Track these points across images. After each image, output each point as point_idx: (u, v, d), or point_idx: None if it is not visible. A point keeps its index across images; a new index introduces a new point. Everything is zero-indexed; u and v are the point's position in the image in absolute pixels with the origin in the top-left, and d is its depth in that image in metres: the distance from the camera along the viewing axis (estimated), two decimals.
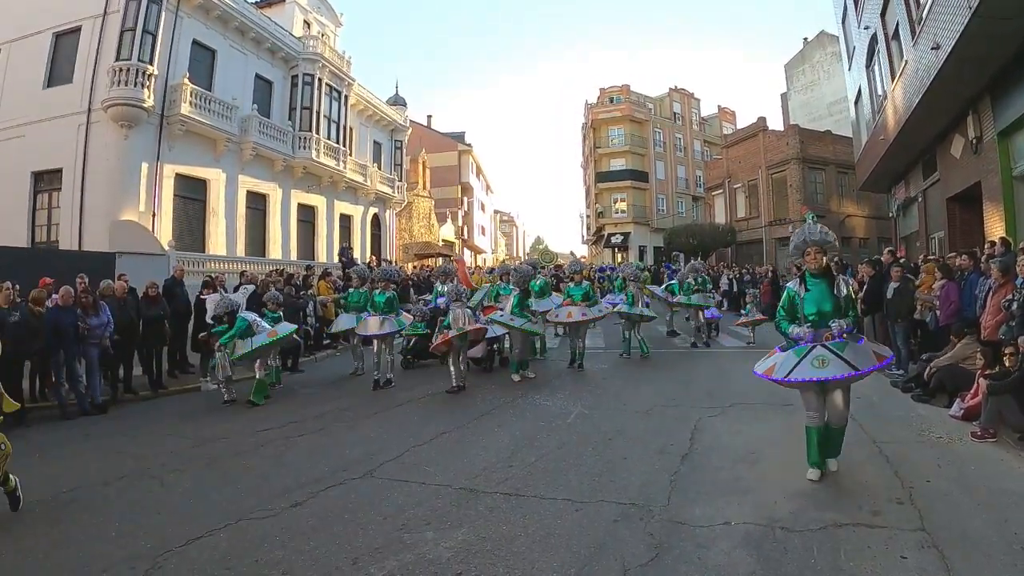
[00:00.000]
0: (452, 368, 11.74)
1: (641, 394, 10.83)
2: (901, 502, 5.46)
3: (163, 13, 22.37)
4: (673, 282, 19.18)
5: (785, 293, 6.67)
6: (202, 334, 12.79)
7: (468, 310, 12.17)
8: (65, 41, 23.29)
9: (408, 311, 14.44)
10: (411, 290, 23.87)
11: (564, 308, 14.21)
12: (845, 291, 6.24)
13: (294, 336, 13.39)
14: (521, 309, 12.81)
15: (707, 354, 15.64)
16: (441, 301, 13.25)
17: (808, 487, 5.94)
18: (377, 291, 13.35)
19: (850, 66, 28.63)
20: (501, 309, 13.75)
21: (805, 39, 51.16)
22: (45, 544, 5.41)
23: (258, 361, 11.60)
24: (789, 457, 6.85)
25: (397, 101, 42.71)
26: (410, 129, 43.78)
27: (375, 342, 12.68)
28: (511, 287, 14.09)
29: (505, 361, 14.19)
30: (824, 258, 6.33)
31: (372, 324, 12.80)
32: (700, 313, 17.58)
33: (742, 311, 19.01)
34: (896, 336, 12.08)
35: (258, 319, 12.01)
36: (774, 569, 4.33)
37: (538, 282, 15.42)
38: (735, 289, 25.34)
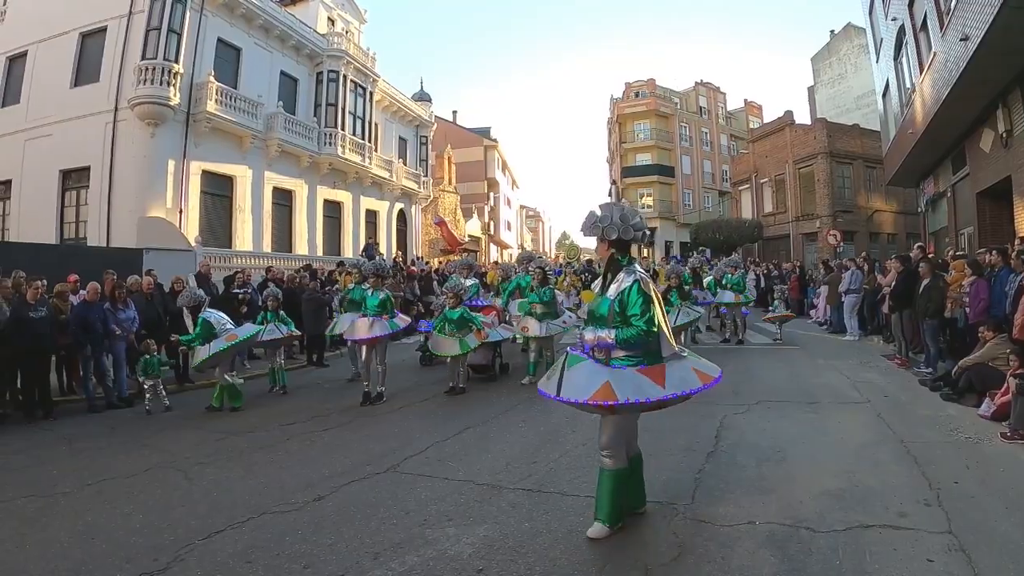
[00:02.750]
0: (460, 371, 11.37)
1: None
2: (928, 504, 5.36)
3: (188, 12, 22.64)
4: (709, 278, 18.46)
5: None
6: (173, 336, 12.00)
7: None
8: (91, 41, 23.64)
9: (429, 305, 14.20)
10: (434, 284, 23.90)
11: (586, 305, 13.48)
12: (613, 293, 4.91)
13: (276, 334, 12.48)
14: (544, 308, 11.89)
15: (733, 351, 15.46)
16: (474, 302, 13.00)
17: (834, 487, 5.83)
18: (369, 291, 11.53)
19: (878, 58, 28.31)
20: (505, 310, 13.51)
21: (832, 31, 50.58)
22: (70, 535, 5.46)
23: (217, 369, 10.94)
24: (815, 456, 6.79)
25: (422, 97, 42.76)
26: (435, 124, 43.85)
27: (364, 348, 11.15)
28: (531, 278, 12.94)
29: (506, 368, 13.25)
30: (609, 249, 5.11)
31: (361, 327, 11.03)
32: (738, 310, 17.12)
33: (770, 308, 18.77)
34: (925, 334, 11.95)
35: (223, 319, 11.24)
36: (798, 571, 4.27)
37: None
38: (762, 285, 25.16)
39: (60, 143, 23.07)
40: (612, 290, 4.94)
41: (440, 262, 33.10)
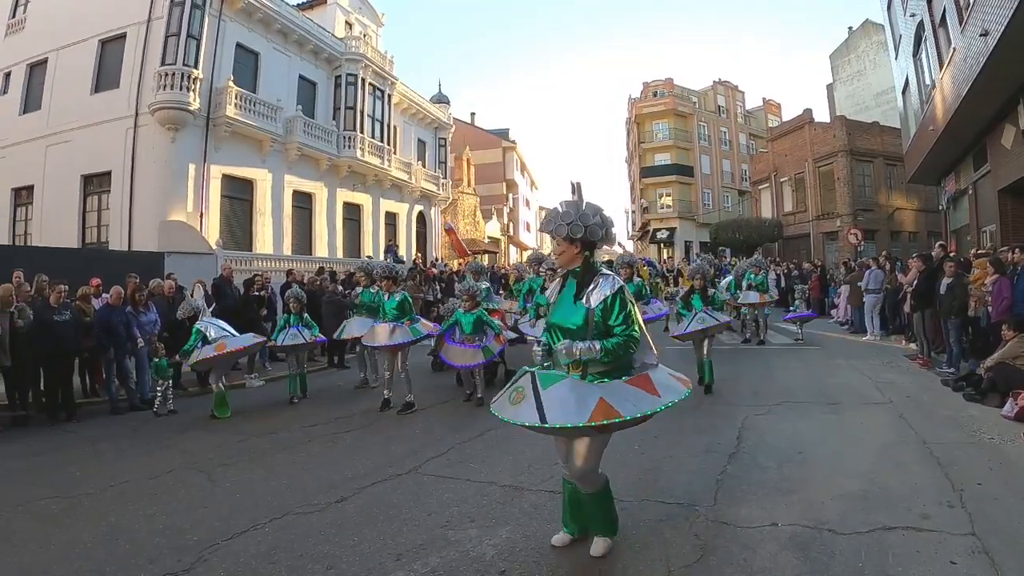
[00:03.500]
0: (469, 378, 10.87)
1: None
2: (951, 505, 5.31)
3: (206, 18, 22.79)
4: (729, 278, 18.42)
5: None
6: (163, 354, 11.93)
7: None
8: (111, 47, 23.84)
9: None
10: (456, 286, 23.97)
11: None
12: (596, 300, 4.38)
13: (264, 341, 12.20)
14: None
15: (754, 351, 15.46)
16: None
17: (857, 488, 5.79)
18: (386, 295, 10.89)
19: (897, 55, 28.11)
20: (524, 311, 12.96)
21: (850, 28, 50.14)
22: (93, 536, 5.51)
23: (212, 375, 10.96)
24: (837, 457, 6.76)
25: (440, 99, 42.80)
26: (454, 126, 43.88)
27: (385, 355, 10.82)
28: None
29: (512, 375, 12.16)
30: (582, 251, 4.53)
31: (380, 333, 10.56)
32: (760, 310, 16.86)
33: (790, 307, 18.60)
34: (948, 333, 11.87)
35: (222, 329, 11.00)
36: (821, 573, 4.25)
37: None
38: (783, 285, 25.04)
39: (81, 149, 23.27)
40: (594, 298, 4.38)
41: (460, 263, 33.18)
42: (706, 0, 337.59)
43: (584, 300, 4.43)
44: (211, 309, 12.41)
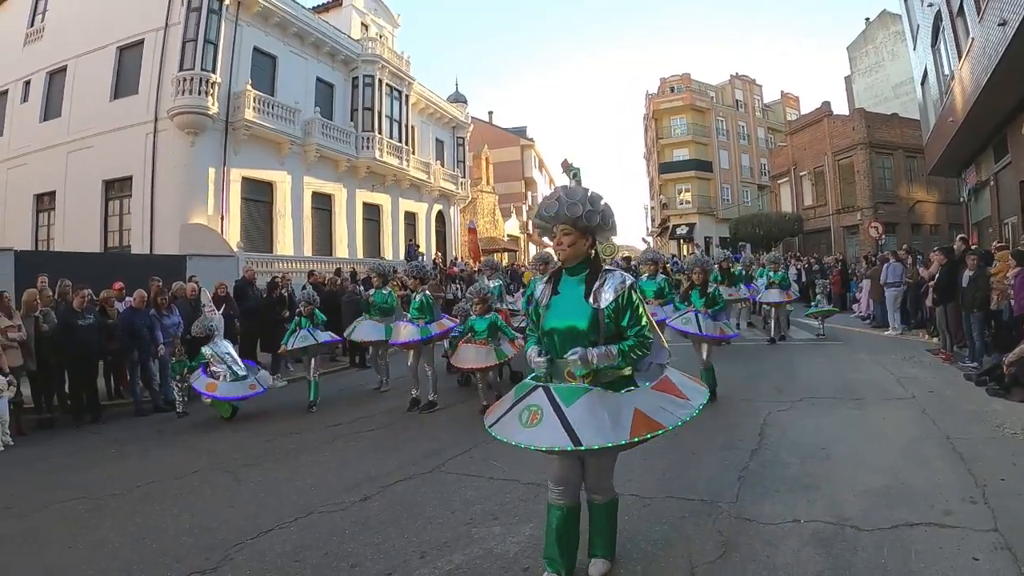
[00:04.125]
0: (482, 386, 10.00)
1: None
2: (974, 501, 5.27)
3: (223, 23, 22.99)
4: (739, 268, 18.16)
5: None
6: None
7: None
8: (129, 54, 24.09)
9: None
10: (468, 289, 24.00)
11: None
12: (609, 299, 3.92)
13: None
14: None
15: (776, 347, 15.39)
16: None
17: (879, 485, 5.75)
18: (414, 295, 10.72)
19: (915, 45, 27.89)
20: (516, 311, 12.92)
21: (867, 19, 49.68)
22: (120, 536, 5.59)
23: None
24: (859, 453, 6.73)
25: (458, 98, 42.89)
26: (471, 125, 43.92)
27: (410, 354, 10.69)
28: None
29: (518, 377, 10.81)
30: (581, 241, 4.04)
31: (403, 332, 10.58)
32: (781, 308, 16.32)
33: (812, 303, 18.51)
34: (971, 327, 11.79)
35: (227, 358, 10.67)
36: (843, 569, 4.24)
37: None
38: (803, 280, 24.92)
39: (102, 154, 23.51)
40: (604, 297, 3.92)
41: (479, 262, 33.27)
42: None
43: (591, 299, 3.94)
44: (220, 311, 12.42)
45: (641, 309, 4.01)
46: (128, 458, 8.52)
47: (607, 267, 4.12)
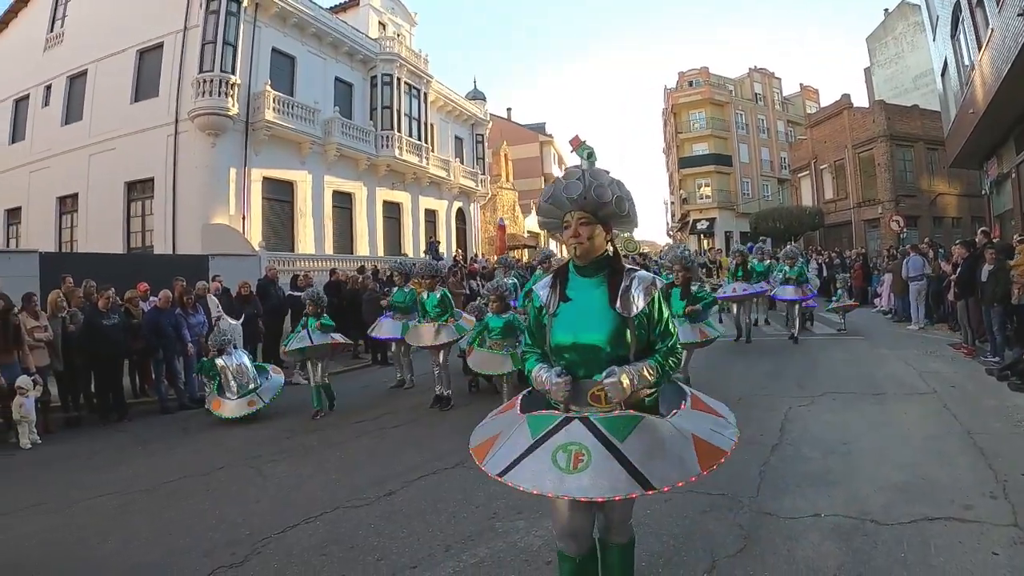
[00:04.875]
0: (506, 387, 9.84)
1: (730, 383, 10.68)
2: (994, 496, 5.28)
3: (241, 24, 23.10)
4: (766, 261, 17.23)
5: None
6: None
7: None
8: (149, 57, 24.32)
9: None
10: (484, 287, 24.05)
11: None
12: (642, 305, 3.16)
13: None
14: None
15: (796, 342, 15.26)
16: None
17: (900, 480, 5.77)
18: (425, 293, 10.75)
19: (934, 36, 27.66)
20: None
21: (886, 10, 49.30)
22: (150, 531, 5.70)
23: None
24: (880, 448, 6.74)
25: (476, 95, 42.86)
26: (490, 122, 43.93)
27: (431, 353, 10.53)
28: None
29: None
30: (602, 234, 3.26)
31: (425, 334, 10.48)
32: (796, 307, 15.60)
33: (833, 297, 18.32)
34: (991, 321, 11.72)
35: (242, 371, 10.74)
36: (863, 563, 4.27)
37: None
38: (824, 274, 24.77)
39: (124, 156, 23.75)
40: (637, 303, 3.15)
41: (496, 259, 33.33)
42: None
43: (619, 305, 3.14)
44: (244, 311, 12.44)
45: (669, 315, 3.31)
46: (155, 455, 8.64)
47: (630, 266, 3.32)
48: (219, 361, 10.76)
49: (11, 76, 28.57)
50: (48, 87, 27.20)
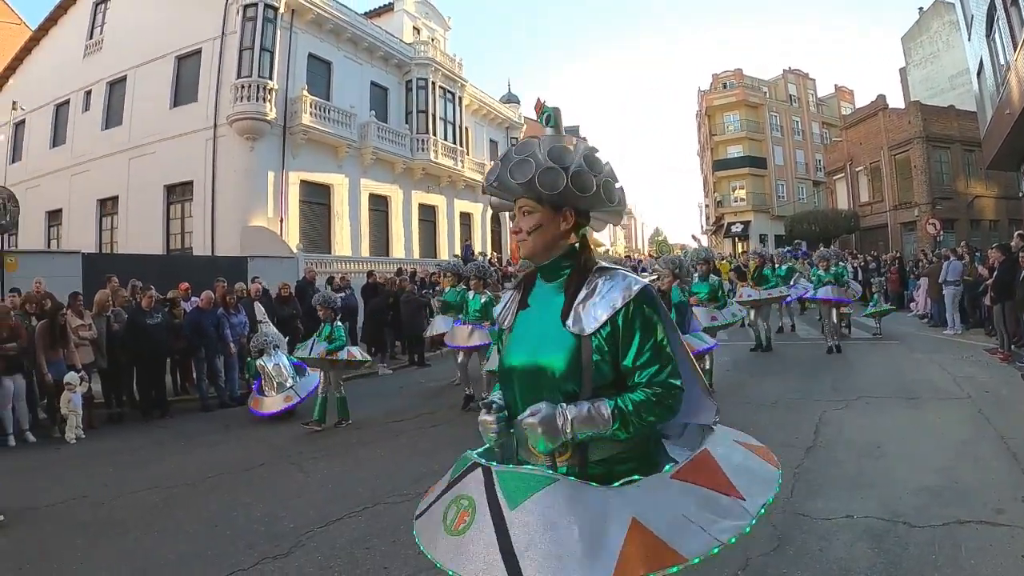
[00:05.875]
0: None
1: (765, 387, 10.72)
2: None
3: (278, 30, 23.50)
4: (790, 265, 17.34)
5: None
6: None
7: None
8: (187, 63, 24.83)
9: None
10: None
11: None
12: (602, 319, 2.23)
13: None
14: None
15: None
16: None
17: (932, 483, 5.78)
18: (470, 294, 10.85)
19: (970, 36, 27.34)
20: None
21: (920, 9, 48.71)
22: (194, 523, 5.89)
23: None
24: (914, 452, 6.75)
25: (510, 99, 43.01)
26: (525, 126, 43.98)
27: (461, 353, 10.85)
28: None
29: None
30: (556, 221, 2.39)
31: (460, 334, 10.67)
32: (832, 311, 14.25)
33: (869, 303, 18.10)
34: None
35: (277, 365, 10.85)
36: (894, 564, 4.31)
37: None
38: (859, 278, 24.57)
39: (163, 160, 24.20)
40: (592, 315, 2.25)
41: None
42: None
43: (572, 320, 2.28)
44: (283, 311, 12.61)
45: (663, 337, 2.27)
46: (196, 451, 8.85)
47: (607, 265, 2.42)
48: (259, 362, 11.01)
49: (51, 82, 29.17)
50: (88, 93, 27.77)
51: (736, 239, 57.29)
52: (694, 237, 38.81)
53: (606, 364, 2.24)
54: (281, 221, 23.27)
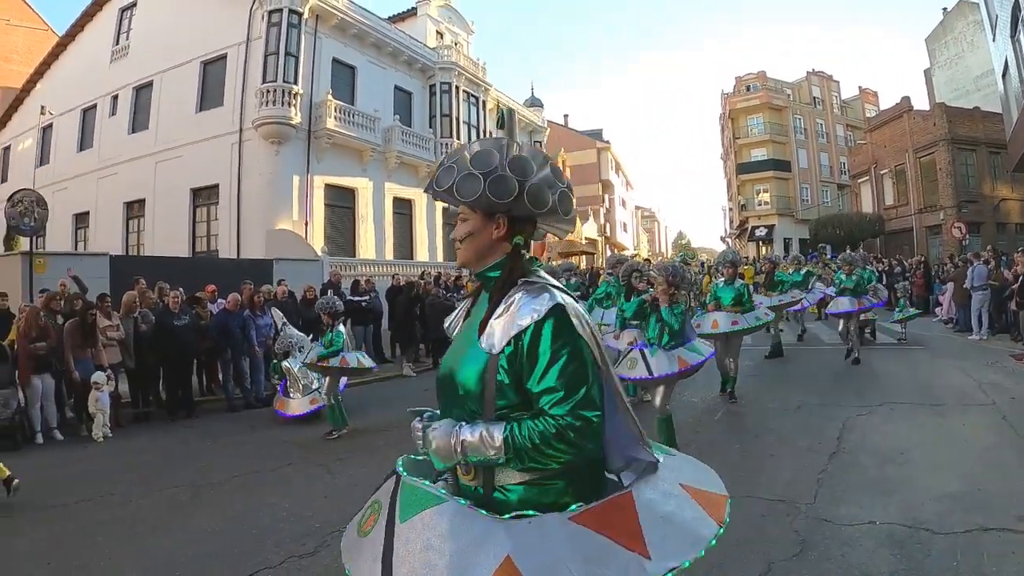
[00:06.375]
0: None
1: (789, 392, 10.71)
2: None
3: (302, 36, 23.67)
4: (807, 269, 16.89)
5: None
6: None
7: None
8: (213, 68, 25.13)
9: None
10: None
11: (708, 315, 10.47)
12: (504, 341, 2.10)
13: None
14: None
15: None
16: None
17: (955, 489, 5.79)
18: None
19: (994, 36, 27.12)
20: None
21: (944, 9, 48.17)
22: (220, 521, 5.99)
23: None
24: (937, 458, 6.76)
25: (533, 102, 43.02)
26: (548, 129, 44.04)
27: None
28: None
29: None
30: (488, 229, 2.29)
31: None
32: (852, 321, 13.40)
33: (896, 308, 17.45)
34: None
35: (304, 377, 10.83)
36: (916, 570, 4.33)
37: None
38: (883, 283, 24.34)
39: (189, 164, 24.47)
40: (498, 335, 2.12)
41: (557, 266, 33.31)
42: None
43: (485, 336, 2.16)
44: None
45: (574, 363, 2.07)
46: (223, 451, 8.97)
47: (537, 278, 2.24)
48: (284, 363, 11.11)
49: (79, 87, 29.54)
50: (115, 97, 28.13)
51: (760, 243, 56.98)
52: (723, 240, 38.33)
53: (510, 387, 2.10)
54: (306, 224, 23.41)
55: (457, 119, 31.21)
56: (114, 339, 11.06)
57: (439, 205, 29.88)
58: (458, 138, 30.86)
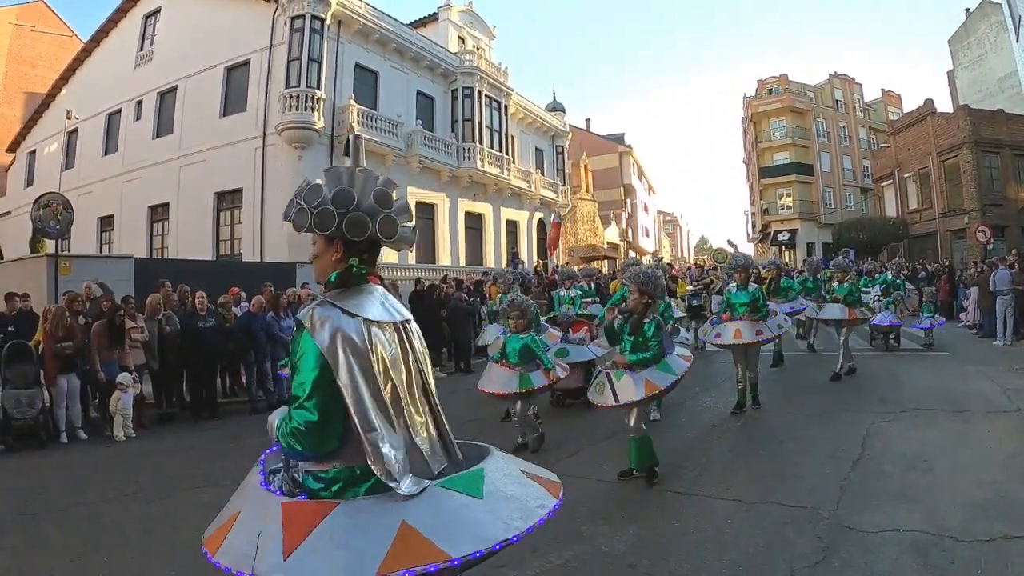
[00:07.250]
0: (516, 419, 8.56)
1: (812, 398, 10.66)
2: None
3: (325, 41, 23.88)
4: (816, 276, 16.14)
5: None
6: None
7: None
8: (236, 73, 25.40)
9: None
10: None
11: (727, 325, 9.94)
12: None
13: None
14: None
15: (880, 357, 15.02)
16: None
17: (980, 497, 5.74)
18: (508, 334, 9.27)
19: (1018, 37, 27.03)
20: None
21: (967, 10, 47.80)
22: None
23: None
24: (962, 466, 6.70)
25: (555, 107, 42.99)
26: (570, 134, 44.04)
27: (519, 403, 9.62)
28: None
29: (560, 403, 11.04)
30: (328, 251, 2.75)
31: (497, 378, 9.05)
32: (844, 330, 12.56)
33: (920, 313, 17.15)
34: None
35: None
36: None
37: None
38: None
39: (213, 168, 24.74)
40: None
41: (580, 270, 33.25)
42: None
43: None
44: None
45: (302, 374, 2.43)
46: (247, 451, 8.93)
47: (328, 296, 2.63)
48: None
49: (103, 92, 29.85)
50: (139, 102, 28.47)
51: (783, 247, 56.75)
52: (730, 243, 38.05)
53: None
54: None
55: (479, 124, 31.32)
56: (138, 341, 11.21)
57: (461, 209, 30.22)
58: (480, 143, 31.02)
